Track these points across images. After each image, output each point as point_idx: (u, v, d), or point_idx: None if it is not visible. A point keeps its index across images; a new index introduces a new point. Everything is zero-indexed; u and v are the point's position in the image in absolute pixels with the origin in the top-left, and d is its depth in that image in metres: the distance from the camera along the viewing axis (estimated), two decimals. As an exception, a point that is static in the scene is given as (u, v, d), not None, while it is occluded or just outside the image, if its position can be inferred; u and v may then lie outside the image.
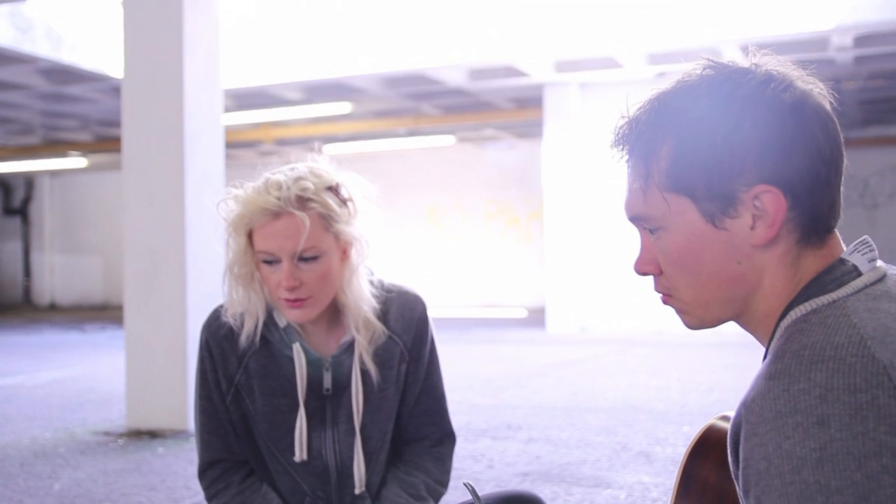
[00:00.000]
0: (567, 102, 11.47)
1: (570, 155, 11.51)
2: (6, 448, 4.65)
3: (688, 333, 10.45)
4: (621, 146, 1.09)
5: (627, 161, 1.09)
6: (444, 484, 2.04)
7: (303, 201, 1.78)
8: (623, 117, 1.10)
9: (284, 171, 1.84)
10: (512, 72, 10.76)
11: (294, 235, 1.77)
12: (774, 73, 1.04)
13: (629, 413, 5.32)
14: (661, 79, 1.05)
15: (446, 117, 13.53)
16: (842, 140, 1.04)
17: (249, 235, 1.82)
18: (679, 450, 4.29)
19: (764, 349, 1.06)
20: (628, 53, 9.94)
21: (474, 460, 4.14)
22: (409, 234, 16.83)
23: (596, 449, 4.36)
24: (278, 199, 1.77)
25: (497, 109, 13.34)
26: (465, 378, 6.98)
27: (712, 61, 1.06)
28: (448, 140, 15.57)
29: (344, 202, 1.84)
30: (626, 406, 5.59)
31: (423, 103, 12.72)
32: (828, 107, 1.04)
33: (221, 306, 1.96)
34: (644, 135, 1.06)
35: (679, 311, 1.12)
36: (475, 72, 10.91)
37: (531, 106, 12.67)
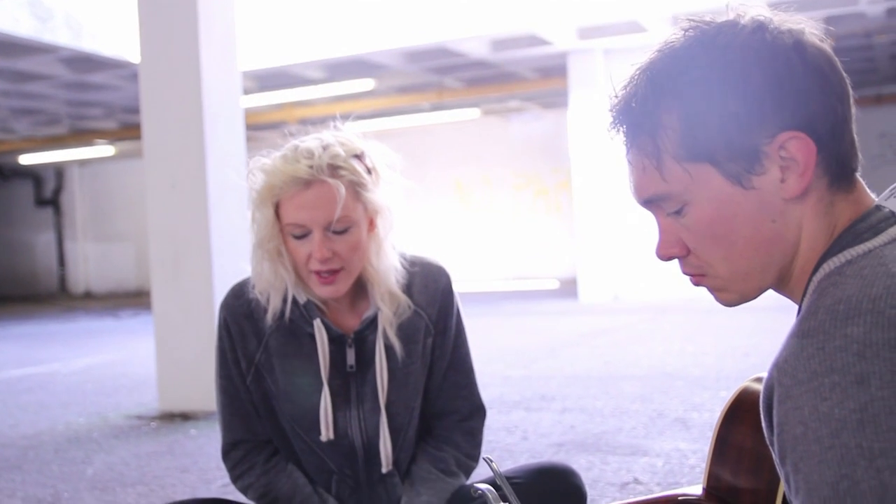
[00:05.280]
0: (592, 69, 11.32)
1: (596, 123, 11.36)
2: (41, 434, 4.68)
3: (722, 298, 10.31)
4: (620, 127, 1.01)
5: (631, 142, 1.01)
6: (474, 458, 1.99)
7: (334, 169, 1.71)
8: (614, 96, 1.02)
9: (310, 139, 1.77)
10: (535, 41, 10.62)
11: (326, 205, 1.70)
12: (763, 18, 0.97)
13: (664, 380, 5.26)
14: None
15: (470, 90, 13.42)
16: (846, 75, 0.98)
17: (276, 208, 1.75)
18: (717, 415, 4.21)
19: (798, 307, 1.00)
20: (652, 16, 9.77)
21: (508, 432, 4.10)
22: (436, 209, 16.76)
23: (631, 417, 4.30)
24: (310, 167, 1.69)
25: (521, 80, 13.20)
26: (497, 350, 6.94)
27: (691, 21, 0.99)
28: (473, 113, 15.46)
29: (369, 170, 1.79)
30: (661, 373, 5.52)
31: (445, 77, 12.62)
32: (823, 43, 0.98)
33: (239, 284, 1.92)
34: (645, 108, 0.98)
35: (714, 290, 1.03)
36: (497, 42, 10.78)
37: (556, 75, 12.52)
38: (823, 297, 0.89)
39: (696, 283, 1.05)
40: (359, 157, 1.77)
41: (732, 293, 1.03)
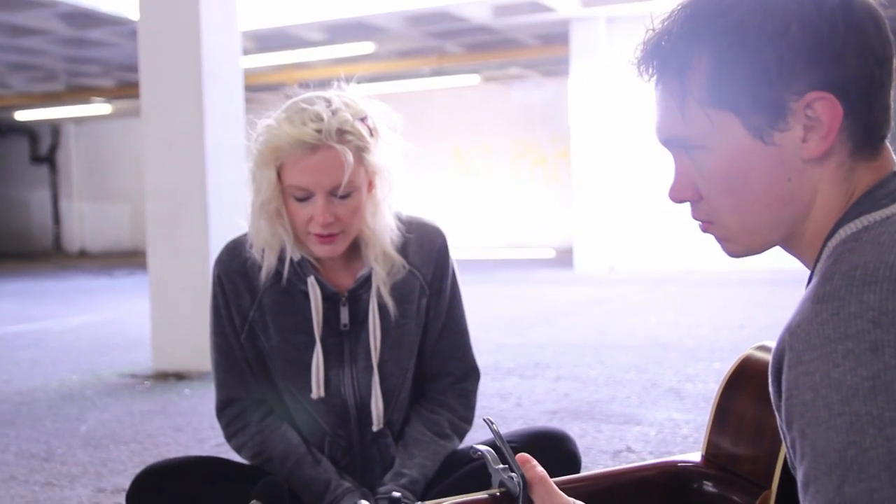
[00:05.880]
0: (594, 38, 11.23)
1: (597, 92, 11.30)
2: (35, 391, 4.68)
3: (718, 272, 10.34)
4: (650, 62, 0.99)
5: (658, 79, 0.99)
6: (468, 421, 1.98)
7: (342, 134, 1.68)
8: (650, 30, 0.99)
9: (317, 100, 1.73)
10: (537, 7, 10.53)
11: (333, 171, 1.67)
12: None
13: (659, 350, 5.26)
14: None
15: (471, 56, 13.31)
16: (892, 38, 0.95)
17: (279, 169, 1.72)
18: (710, 386, 4.22)
19: (809, 273, 0.98)
20: (656, -15, 9.68)
21: (502, 399, 4.10)
22: (435, 176, 16.70)
23: (625, 386, 4.31)
24: (318, 131, 1.66)
25: (522, 47, 13.09)
26: (492, 317, 6.94)
27: None
28: (473, 79, 15.35)
29: (371, 132, 1.76)
30: (655, 343, 5.52)
31: (446, 42, 12.52)
32: (874, 2, 0.94)
33: (233, 241, 1.91)
34: (677, 46, 0.96)
35: (721, 239, 1.02)
36: (499, 8, 10.68)
37: (557, 42, 12.42)
38: (839, 262, 0.87)
39: (704, 230, 1.03)
40: (362, 119, 1.75)
41: (738, 245, 1.01)
